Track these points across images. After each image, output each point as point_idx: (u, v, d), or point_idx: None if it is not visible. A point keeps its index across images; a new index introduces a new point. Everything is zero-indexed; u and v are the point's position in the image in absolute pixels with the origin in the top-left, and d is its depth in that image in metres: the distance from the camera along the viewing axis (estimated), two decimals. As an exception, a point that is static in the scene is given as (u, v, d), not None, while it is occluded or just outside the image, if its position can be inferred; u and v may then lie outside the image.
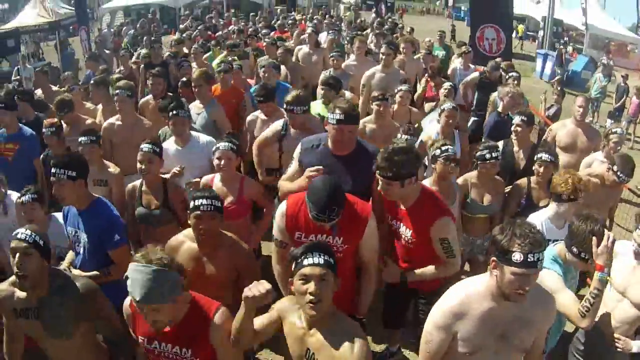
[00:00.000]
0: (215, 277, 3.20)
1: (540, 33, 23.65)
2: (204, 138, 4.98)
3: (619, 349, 3.39)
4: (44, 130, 5.07)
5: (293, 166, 3.80)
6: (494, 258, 2.39)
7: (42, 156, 5.30)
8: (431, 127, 5.71)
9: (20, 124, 5.50)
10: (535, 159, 4.58)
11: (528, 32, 29.86)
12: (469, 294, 2.54)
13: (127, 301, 2.66)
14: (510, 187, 4.79)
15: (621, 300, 3.41)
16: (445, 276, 3.44)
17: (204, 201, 3.16)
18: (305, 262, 2.39)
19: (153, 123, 5.68)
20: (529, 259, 2.26)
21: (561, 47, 20.00)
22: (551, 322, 2.69)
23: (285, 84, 6.81)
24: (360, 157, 3.58)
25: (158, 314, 2.38)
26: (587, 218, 3.03)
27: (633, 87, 12.04)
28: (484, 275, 2.56)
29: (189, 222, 3.23)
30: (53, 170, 3.36)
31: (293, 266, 2.45)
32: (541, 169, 4.49)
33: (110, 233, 3.45)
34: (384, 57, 7.05)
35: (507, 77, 7.73)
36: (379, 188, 3.26)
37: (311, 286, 2.35)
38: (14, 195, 4.15)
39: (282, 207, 3.27)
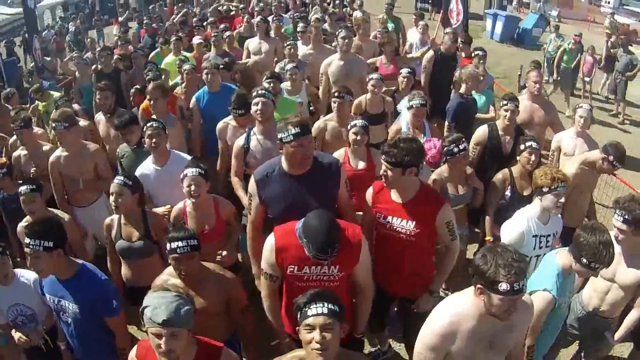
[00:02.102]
0: (204, 310, 3.12)
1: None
2: (184, 156, 4.64)
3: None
4: None
5: (254, 203, 3.57)
6: (480, 286, 2.48)
7: None
8: (402, 117, 5.62)
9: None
10: (522, 147, 4.51)
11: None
12: (458, 313, 2.62)
13: (132, 353, 2.66)
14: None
15: (610, 286, 3.71)
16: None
17: (180, 243, 3.12)
18: (309, 312, 2.37)
19: (105, 138, 5.73)
20: (515, 288, 2.38)
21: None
22: (530, 321, 2.88)
23: (231, 85, 6.36)
24: (318, 171, 3.45)
25: (175, 342, 2.35)
26: (594, 229, 3.11)
27: (588, 46, 11.96)
28: (469, 292, 2.62)
29: (169, 262, 3.21)
30: (27, 240, 3.08)
31: (298, 316, 2.43)
32: (532, 157, 4.44)
33: (106, 301, 3.28)
34: (342, 43, 6.60)
35: (472, 54, 7.37)
36: (381, 172, 3.38)
37: (316, 335, 2.34)
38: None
39: (270, 241, 3.11)
